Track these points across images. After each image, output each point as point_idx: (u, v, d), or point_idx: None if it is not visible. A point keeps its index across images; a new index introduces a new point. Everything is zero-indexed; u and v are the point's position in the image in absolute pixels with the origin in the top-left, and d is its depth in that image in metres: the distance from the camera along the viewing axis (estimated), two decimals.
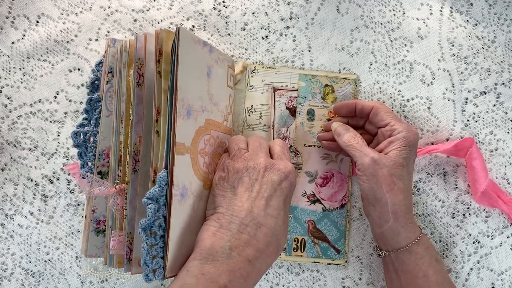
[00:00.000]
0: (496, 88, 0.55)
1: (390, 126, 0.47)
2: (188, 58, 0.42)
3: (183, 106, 0.41)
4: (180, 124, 0.40)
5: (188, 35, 0.42)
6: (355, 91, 0.55)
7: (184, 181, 0.41)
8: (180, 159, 0.40)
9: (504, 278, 0.53)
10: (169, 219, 0.39)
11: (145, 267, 0.38)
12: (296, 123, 0.54)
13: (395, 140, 0.46)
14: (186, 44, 0.42)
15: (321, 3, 0.56)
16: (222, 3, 0.55)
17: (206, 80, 0.46)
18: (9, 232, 0.52)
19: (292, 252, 0.53)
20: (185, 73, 0.41)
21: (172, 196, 0.39)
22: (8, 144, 0.53)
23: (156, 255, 0.38)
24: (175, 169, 0.39)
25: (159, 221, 0.39)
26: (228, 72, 0.51)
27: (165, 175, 0.39)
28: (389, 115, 0.48)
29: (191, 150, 0.42)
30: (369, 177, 0.45)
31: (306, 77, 0.54)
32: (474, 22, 0.56)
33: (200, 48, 0.45)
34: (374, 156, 0.45)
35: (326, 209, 0.53)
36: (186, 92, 0.41)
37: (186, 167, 0.41)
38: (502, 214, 0.54)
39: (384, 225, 0.46)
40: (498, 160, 0.55)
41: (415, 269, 0.46)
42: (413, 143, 0.47)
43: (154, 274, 0.38)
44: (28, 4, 0.54)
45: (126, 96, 0.43)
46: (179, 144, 0.40)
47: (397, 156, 0.45)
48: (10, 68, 0.54)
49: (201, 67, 0.45)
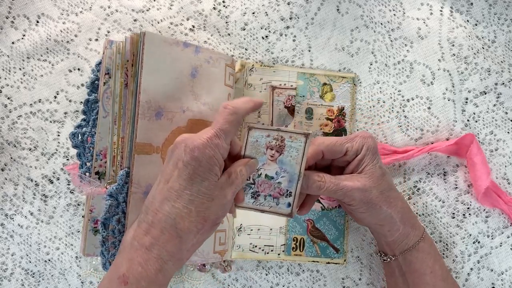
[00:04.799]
0: (496, 88, 0.55)
1: (350, 150, 0.45)
2: (157, 60, 0.43)
3: (149, 108, 0.43)
4: (144, 125, 0.42)
5: (157, 39, 0.44)
6: (353, 89, 0.55)
7: (150, 180, 0.43)
8: (144, 159, 0.43)
9: (504, 278, 0.53)
10: (127, 215, 0.42)
11: (102, 257, 0.42)
12: (295, 122, 0.54)
13: (362, 156, 0.44)
14: (154, 47, 0.43)
15: (321, 3, 0.56)
16: (222, 3, 0.55)
17: (190, 81, 0.46)
18: (9, 232, 0.52)
19: (291, 252, 0.52)
20: (153, 75, 0.43)
21: (130, 194, 0.42)
22: (8, 144, 0.53)
23: (113, 247, 0.42)
24: (134, 168, 0.42)
25: (118, 216, 0.42)
26: (226, 71, 0.51)
27: (123, 174, 0.42)
28: (338, 143, 0.45)
29: (163, 150, 0.44)
30: (366, 207, 0.44)
31: (305, 76, 0.54)
32: (474, 22, 0.56)
33: (179, 50, 0.45)
34: (359, 186, 0.43)
35: (325, 208, 0.53)
36: (154, 94, 0.43)
37: (153, 166, 0.43)
38: (502, 214, 0.54)
39: (395, 234, 0.46)
40: (498, 160, 0.55)
41: (423, 266, 0.46)
42: (374, 146, 0.45)
43: (110, 264, 0.41)
44: (28, 4, 0.54)
45: (119, 97, 0.44)
46: (142, 144, 0.42)
47: (373, 169, 0.44)
48: (10, 68, 0.54)
49: (182, 68, 0.46)
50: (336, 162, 0.47)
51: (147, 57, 0.42)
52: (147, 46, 0.42)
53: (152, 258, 0.37)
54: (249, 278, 0.53)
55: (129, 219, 0.41)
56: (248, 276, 0.53)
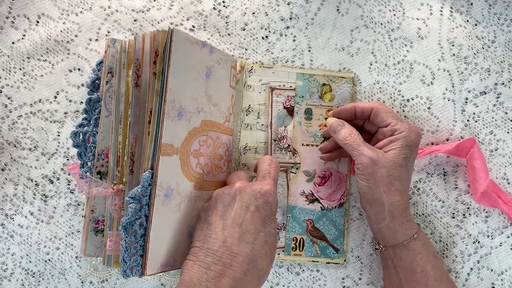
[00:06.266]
0: (496, 88, 0.55)
1: (392, 126, 0.47)
2: (182, 59, 0.42)
3: (173, 107, 0.41)
4: (168, 126, 0.41)
5: (183, 36, 0.42)
6: (353, 89, 0.55)
7: (170, 182, 0.42)
8: (166, 160, 0.41)
9: (504, 278, 0.53)
10: (151, 219, 0.40)
11: (123, 264, 0.39)
12: (294, 123, 0.54)
13: (396, 139, 0.46)
14: (180, 45, 0.42)
15: (321, 3, 0.56)
16: (222, 3, 0.55)
17: (205, 81, 0.46)
18: (9, 232, 0.52)
19: (291, 252, 0.53)
20: (178, 74, 0.42)
21: (155, 197, 0.40)
22: (8, 144, 0.53)
23: (135, 253, 0.40)
24: (159, 170, 0.40)
25: (141, 220, 0.40)
26: (231, 72, 0.51)
27: (148, 176, 0.40)
28: (390, 115, 0.48)
29: (181, 151, 0.43)
30: (367, 177, 0.45)
31: (304, 76, 0.54)
32: (474, 22, 0.56)
33: (199, 49, 0.45)
34: (373, 156, 0.45)
35: (325, 208, 0.53)
36: (178, 93, 0.42)
37: (173, 168, 0.42)
38: (502, 214, 0.54)
39: (381, 222, 0.46)
40: (498, 160, 0.55)
41: (413, 264, 0.46)
42: (414, 142, 0.47)
43: (132, 271, 0.39)
44: (28, 4, 0.54)
45: (125, 96, 0.44)
46: (166, 145, 0.41)
47: (396, 156, 0.45)
48: (10, 68, 0.54)
49: (199, 68, 0.45)
50: (368, 126, 0.51)
51: (174, 56, 0.41)
52: (174, 44, 0.41)
53: None
54: None
55: (153, 223, 0.40)
56: None
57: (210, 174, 0.47)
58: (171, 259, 0.42)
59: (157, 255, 0.40)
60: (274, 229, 0.42)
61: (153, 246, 0.40)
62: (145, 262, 0.39)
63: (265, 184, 0.43)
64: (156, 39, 0.42)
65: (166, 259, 0.41)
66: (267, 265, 0.40)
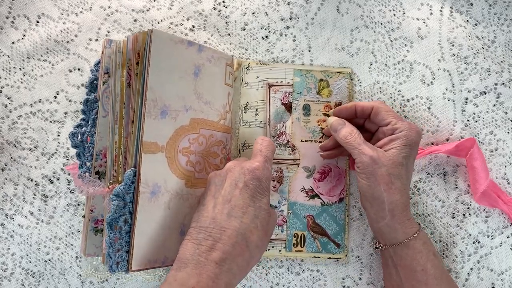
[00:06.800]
0: (496, 88, 0.55)
1: (392, 125, 0.47)
2: (164, 58, 0.43)
3: (155, 106, 0.42)
4: (150, 124, 0.42)
5: (164, 37, 0.43)
6: (350, 84, 0.55)
7: (156, 179, 0.42)
8: (150, 158, 0.42)
9: (504, 278, 0.53)
10: (135, 215, 0.41)
11: (108, 259, 0.40)
12: (292, 119, 0.54)
13: (396, 138, 0.46)
14: (161, 45, 0.43)
15: (321, 3, 0.56)
16: (222, 3, 0.55)
17: (193, 80, 0.46)
18: (9, 232, 0.52)
19: (292, 248, 0.53)
20: (160, 73, 0.42)
21: (138, 194, 0.41)
22: (8, 144, 0.53)
23: (120, 248, 0.41)
24: (142, 167, 0.41)
25: (125, 217, 0.41)
26: (227, 70, 0.51)
27: (131, 174, 0.41)
28: (390, 114, 0.48)
29: (167, 149, 0.44)
30: (368, 176, 0.45)
31: (301, 72, 0.54)
32: (474, 22, 0.56)
33: (184, 48, 0.45)
34: (373, 155, 0.45)
35: (325, 203, 0.53)
36: (160, 92, 0.43)
37: (158, 165, 0.43)
38: (502, 214, 0.54)
39: (381, 221, 0.46)
40: (498, 160, 0.55)
41: (413, 263, 0.46)
42: (414, 141, 0.47)
43: (117, 266, 0.40)
44: (28, 4, 0.54)
45: (120, 96, 0.44)
46: (149, 143, 0.42)
47: (396, 155, 0.45)
48: (10, 68, 0.54)
49: (185, 67, 0.45)
50: (369, 125, 0.51)
51: (154, 55, 0.42)
52: (154, 43, 0.42)
53: (223, 272, 0.38)
54: (249, 278, 0.53)
55: (137, 220, 0.41)
56: (248, 275, 0.53)
57: (203, 171, 0.47)
58: (161, 256, 0.43)
59: (143, 251, 0.41)
60: (265, 204, 0.42)
61: (138, 242, 0.41)
62: (131, 258, 0.40)
63: (254, 161, 0.43)
64: (138, 41, 0.43)
65: (154, 256, 0.42)
66: (258, 239, 0.41)
